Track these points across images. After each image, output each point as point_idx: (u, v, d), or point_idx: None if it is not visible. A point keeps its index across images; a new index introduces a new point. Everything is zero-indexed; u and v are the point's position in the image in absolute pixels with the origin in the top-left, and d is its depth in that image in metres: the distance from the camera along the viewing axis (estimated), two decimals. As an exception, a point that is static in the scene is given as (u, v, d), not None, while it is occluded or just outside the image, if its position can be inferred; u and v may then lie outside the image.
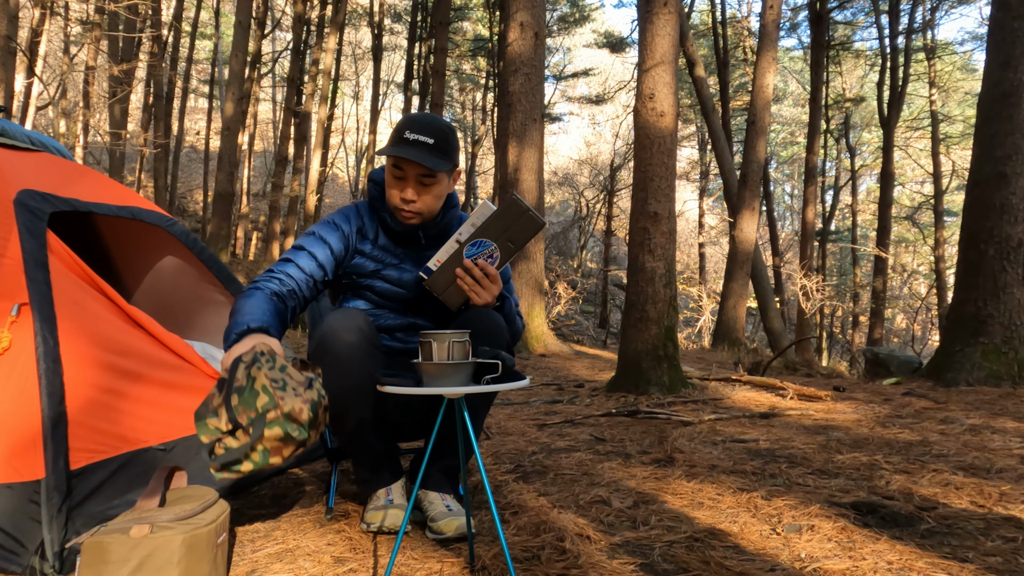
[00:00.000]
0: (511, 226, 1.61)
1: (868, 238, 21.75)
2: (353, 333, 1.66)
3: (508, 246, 1.63)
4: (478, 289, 1.65)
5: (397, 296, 1.81)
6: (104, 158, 14.63)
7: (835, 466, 2.34)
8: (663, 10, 4.11)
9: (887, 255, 15.37)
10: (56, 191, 1.89)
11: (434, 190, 1.71)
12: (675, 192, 4.19)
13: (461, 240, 1.64)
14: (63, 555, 1.45)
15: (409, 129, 1.66)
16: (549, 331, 7.54)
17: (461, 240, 1.64)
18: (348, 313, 1.68)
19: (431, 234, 1.81)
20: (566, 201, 25.88)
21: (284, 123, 14.94)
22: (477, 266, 1.64)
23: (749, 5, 29.44)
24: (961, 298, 4.81)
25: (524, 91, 7.19)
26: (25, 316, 1.60)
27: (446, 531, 1.65)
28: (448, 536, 1.66)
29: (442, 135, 1.67)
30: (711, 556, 1.53)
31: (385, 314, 1.83)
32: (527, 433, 3.00)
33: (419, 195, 1.69)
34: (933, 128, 15.90)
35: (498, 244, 1.63)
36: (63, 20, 12.62)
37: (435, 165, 1.64)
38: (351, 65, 26.16)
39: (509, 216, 1.60)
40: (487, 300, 1.66)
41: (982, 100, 4.93)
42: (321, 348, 1.66)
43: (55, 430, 1.53)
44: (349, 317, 1.67)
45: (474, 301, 1.67)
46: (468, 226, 1.64)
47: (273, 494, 2.08)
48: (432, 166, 1.63)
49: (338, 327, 1.65)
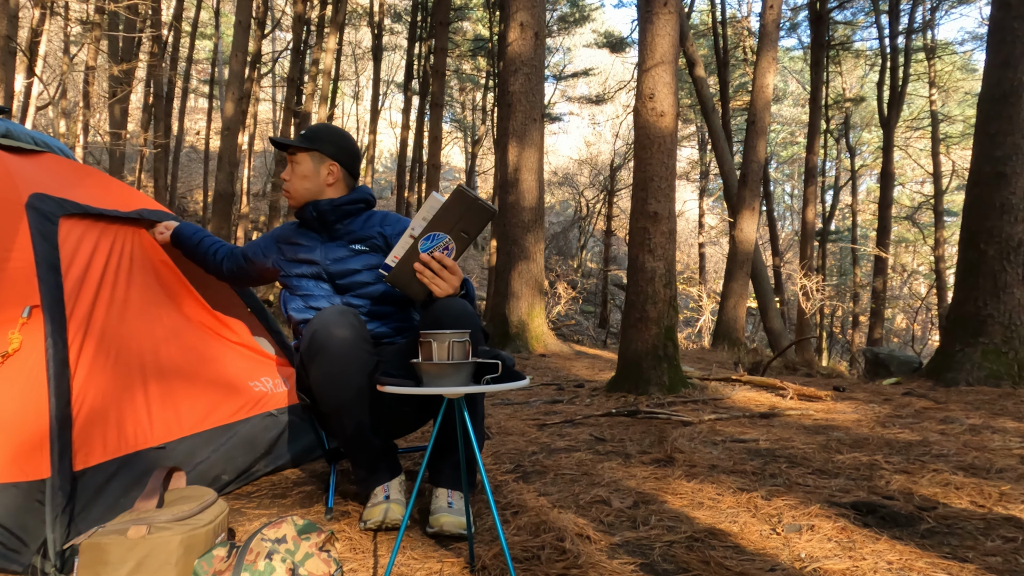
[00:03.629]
0: (462, 217, 1.62)
1: (868, 238, 21.74)
2: (346, 328, 1.68)
3: (462, 236, 1.65)
4: (438, 281, 1.68)
5: (314, 274, 1.98)
6: (104, 158, 14.63)
7: (835, 466, 2.34)
8: (663, 10, 4.11)
9: (887, 255, 15.36)
10: (65, 194, 1.91)
11: (298, 171, 2.00)
12: (675, 192, 4.18)
13: (415, 235, 1.66)
14: (65, 555, 1.45)
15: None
16: (549, 331, 7.53)
17: (415, 235, 1.66)
18: (340, 310, 1.73)
19: (323, 210, 1.98)
20: (566, 201, 25.87)
21: (284, 123, 14.92)
22: (435, 259, 1.66)
23: (749, 5, 29.41)
24: (961, 298, 4.81)
25: (524, 91, 7.19)
26: (36, 318, 1.62)
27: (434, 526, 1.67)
28: (439, 532, 1.67)
29: (312, 128, 2.01)
30: (711, 556, 1.53)
31: (315, 296, 1.96)
32: (527, 433, 3.00)
33: (288, 175, 2.01)
34: (933, 128, 15.89)
35: (452, 236, 1.64)
36: (63, 20, 12.61)
37: (290, 141, 1.98)
38: (351, 65, 26.15)
39: (458, 207, 1.61)
40: (448, 291, 1.70)
41: (982, 100, 4.92)
42: (315, 345, 1.67)
43: (61, 431, 1.54)
44: (341, 313, 1.71)
45: (436, 293, 1.70)
46: (420, 220, 1.66)
47: (272, 494, 2.08)
48: (287, 142, 1.98)
49: (330, 322, 1.67)
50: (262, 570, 1.25)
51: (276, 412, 2.27)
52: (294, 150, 2.00)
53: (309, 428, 2.35)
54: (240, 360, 2.26)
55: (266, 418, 2.23)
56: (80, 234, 1.88)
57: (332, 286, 1.96)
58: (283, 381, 2.38)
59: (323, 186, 2.00)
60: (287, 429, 2.30)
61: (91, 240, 1.91)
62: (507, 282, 7.14)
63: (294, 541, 1.33)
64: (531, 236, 7.18)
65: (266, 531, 1.32)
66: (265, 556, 1.27)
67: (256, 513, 1.90)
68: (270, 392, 2.29)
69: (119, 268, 1.97)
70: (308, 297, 1.96)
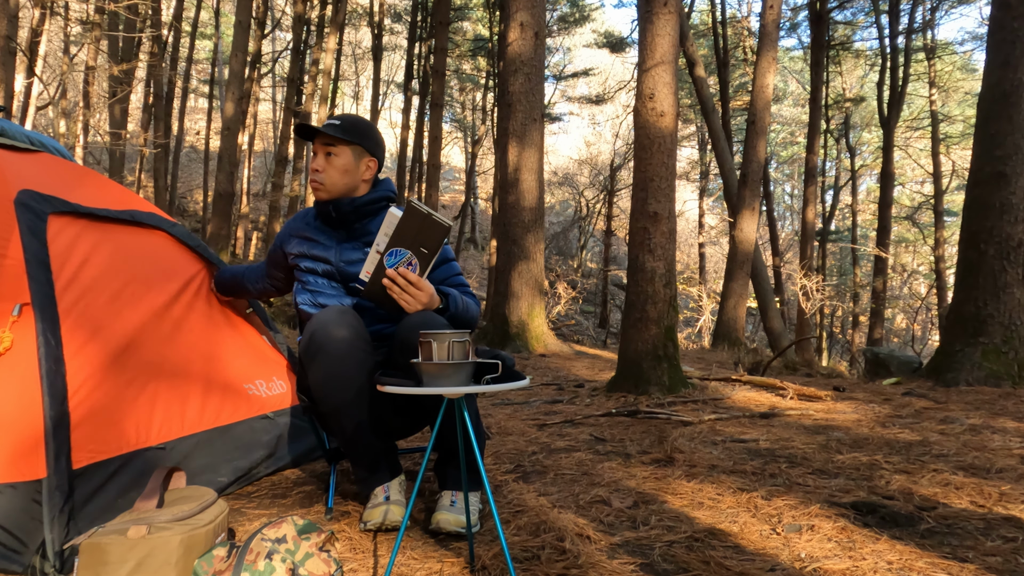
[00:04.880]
0: (418, 233, 1.62)
1: (868, 238, 21.74)
2: (345, 329, 1.68)
3: (422, 251, 1.65)
4: (407, 297, 1.68)
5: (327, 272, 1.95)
6: (104, 158, 14.63)
7: (835, 466, 2.34)
8: (663, 10, 4.11)
9: (887, 255, 15.36)
10: (56, 192, 1.89)
11: (336, 162, 1.90)
12: (675, 192, 4.18)
13: (380, 251, 1.66)
14: (64, 555, 1.45)
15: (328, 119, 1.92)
16: (549, 331, 7.53)
17: (380, 251, 1.66)
18: (339, 310, 1.73)
19: (343, 211, 1.93)
20: (566, 201, 25.87)
21: (284, 123, 14.93)
22: (400, 275, 1.66)
23: (749, 5, 29.41)
24: (961, 298, 4.81)
25: (524, 91, 7.19)
26: (27, 316, 1.61)
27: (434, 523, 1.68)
28: (439, 531, 1.68)
29: (351, 121, 1.92)
30: (711, 556, 1.53)
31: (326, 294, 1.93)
32: (527, 433, 3.00)
33: (324, 167, 1.90)
34: (933, 128, 15.89)
35: (413, 251, 1.64)
36: (63, 20, 12.61)
37: (334, 132, 1.86)
38: (351, 65, 26.15)
39: (412, 223, 1.60)
40: (418, 307, 1.70)
41: (982, 100, 4.92)
42: (314, 345, 1.67)
43: (57, 430, 1.53)
44: (340, 313, 1.70)
45: (405, 308, 1.70)
46: (382, 236, 1.66)
47: (273, 494, 2.08)
48: (332, 132, 1.85)
49: (330, 323, 1.67)
50: (262, 570, 1.25)
51: (273, 415, 2.27)
52: (335, 141, 1.90)
53: (309, 429, 2.35)
54: (241, 360, 2.26)
55: (266, 419, 2.23)
56: (74, 233, 1.86)
57: (344, 287, 1.94)
58: (284, 382, 2.38)
59: (359, 181, 1.96)
60: (287, 430, 2.30)
61: (85, 239, 1.89)
62: (507, 282, 7.14)
63: (294, 541, 1.33)
64: (531, 236, 7.18)
65: (266, 531, 1.32)
66: (265, 556, 1.27)
67: (256, 513, 1.90)
68: (271, 393, 2.30)
69: (117, 267, 1.96)
70: (318, 294, 1.95)
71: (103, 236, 1.98)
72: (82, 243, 1.88)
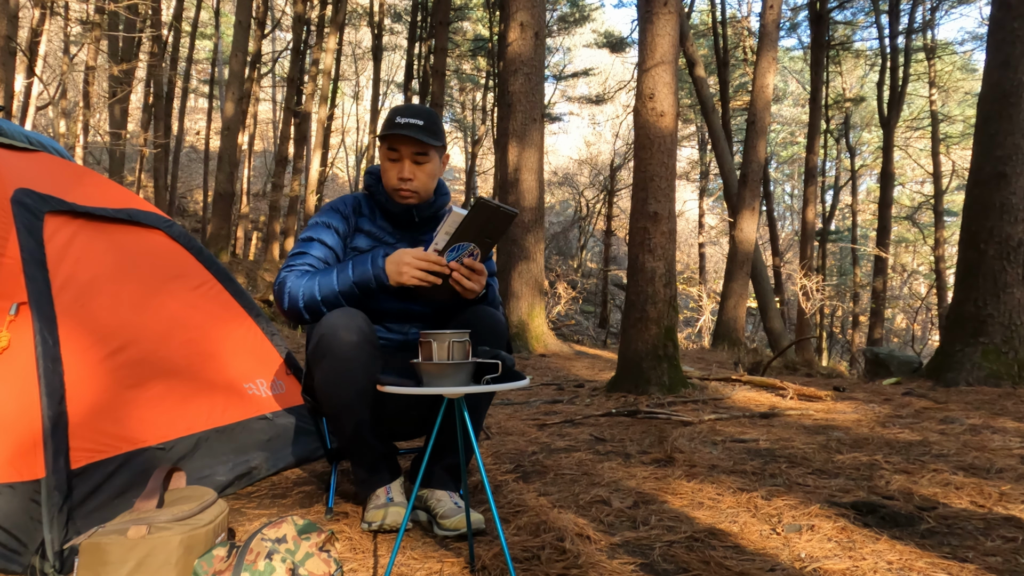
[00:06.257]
0: (485, 225, 1.64)
1: (868, 238, 21.74)
2: (354, 333, 1.66)
3: (486, 242, 1.68)
4: (467, 283, 1.70)
5: None
6: (104, 158, 14.63)
7: (835, 466, 2.34)
8: (663, 10, 4.11)
9: (887, 255, 15.37)
10: (54, 191, 1.88)
11: (427, 168, 1.84)
12: (675, 192, 4.18)
13: (439, 248, 1.67)
14: (63, 555, 1.45)
15: (400, 115, 1.79)
16: (549, 331, 7.53)
17: (439, 248, 1.67)
18: (348, 312, 1.69)
19: (424, 215, 1.90)
20: (566, 201, 25.86)
21: (284, 123, 14.94)
22: (464, 264, 1.68)
23: (749, 5, 29.42)
24: (961, 298, 4.81)
25: (524, 91, 7.19)
26: (24, 315, 1.60)
27: (460, 527, 1.66)
28: (461, 532, 1.66)
29: (430, 117, 1.82)
30: (711, 556, 1.53)
31: (382, 296, 1.83)
32: (527, 433, 3.00)
33: (414, 174, 1.82)
34: (933, 128, 15.89)
35: (476, 243, 1.67)
36: (63, 20, 12.61)
37: (427, 140, 1.78)
38: (351, 65, 26.14)
39: (481, 218, 1.62)
40: (477, 291, 1.73)
41: (982, 100, 4.92)
42: (321, 347, 1.66)
43: (55, 430, 1.53)
44: (350, 316, 1.68)
45: (464, 295, 1.72)
46: (443, 235, 1.66)
47: (273, 494, 2.08)
48: (425, 140, 1.78)
49: (339, 326, 1.66)
50: (262, 570, 1.25)
51: (272, 415, 2.27)
52: (427, 148, 1.81)
53: (309, 429, 2.35)
54: (241, 360, 2.26)
55: (265, 419, 2.23)
56: (71, 232, 1.86)
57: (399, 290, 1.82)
58: (283, 382, 2.38)
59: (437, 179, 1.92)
60: (287, 430, 2.29)
61: (82, 238, 1.88)
62: (507, 282, 7.14)
63: (294, 541, 1.33)
64: (531, 236, 7.18)
65: (266, 531, 1.32)
66: (265, 556, 1.27)
67: (256, 513, 1.89)
68: (270, 393, 2.29)
69: (115, 266, 1.95)
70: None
71: (100, 235, 1.98)
72: (79, 242, 1.87)
